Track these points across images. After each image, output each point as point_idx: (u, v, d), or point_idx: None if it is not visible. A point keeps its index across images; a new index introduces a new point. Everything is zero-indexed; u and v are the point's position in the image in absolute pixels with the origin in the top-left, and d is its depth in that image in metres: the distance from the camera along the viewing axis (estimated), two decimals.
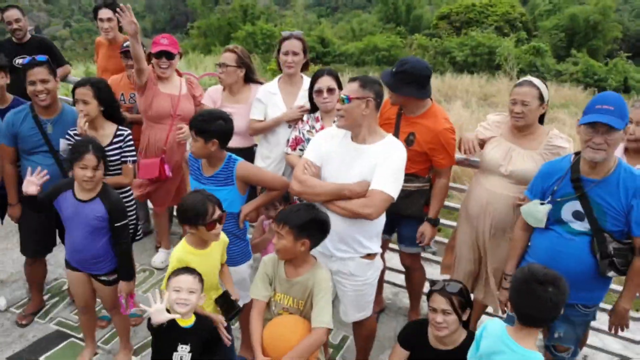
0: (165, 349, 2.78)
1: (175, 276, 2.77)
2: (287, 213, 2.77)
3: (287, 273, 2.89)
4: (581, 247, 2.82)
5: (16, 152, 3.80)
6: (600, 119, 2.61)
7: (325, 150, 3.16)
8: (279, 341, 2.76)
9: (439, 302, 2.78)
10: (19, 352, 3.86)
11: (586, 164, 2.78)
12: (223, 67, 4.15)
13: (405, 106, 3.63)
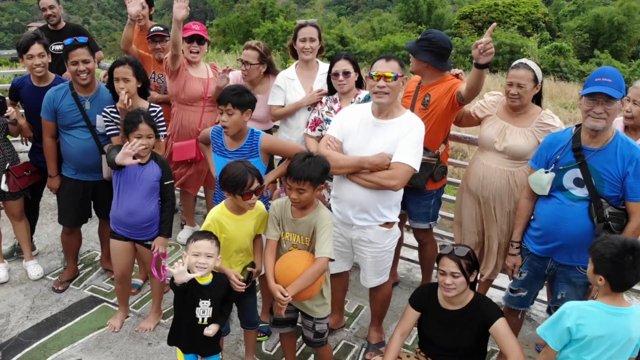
0: (188, 305, 3.10)
1: (194, 241, 3.05)
2: (302, 169, 3.03)
3: (293, 214, 3.21)
4: (580, 213, 3.10)
5: (56, 127, 4.16)
6: (600, 89, 2.91)
7: (347, 127, 3.48)
8: (288, 271, 3.09)
9: (448, 265, 3.06)
10: (56, 314, 4.23)
11: (587, 134, 3.06)
12: (246, 65, 4.43)
13: (423, 75, 3.94)
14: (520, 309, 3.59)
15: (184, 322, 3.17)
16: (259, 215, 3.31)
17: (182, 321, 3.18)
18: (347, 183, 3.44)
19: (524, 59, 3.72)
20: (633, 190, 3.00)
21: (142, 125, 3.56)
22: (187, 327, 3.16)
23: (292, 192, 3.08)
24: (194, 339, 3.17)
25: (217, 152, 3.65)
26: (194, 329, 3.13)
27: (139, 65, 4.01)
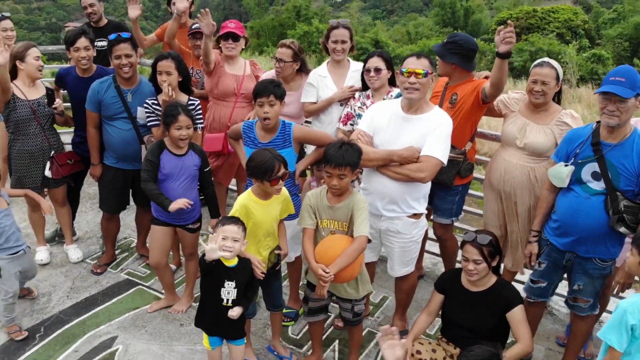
0: (214, 285, 3.29)
1: (222, 225, 3.23)
2: (342, 156, 3.23)
3: (329, 201, 3.40)
4: (597, 205, 3.23)
5: (99, 117, 4.45)
6: (611, 89, 3.05)
7: (377, 121, 3.66)
8: (329, 251, 3.28)
9: (471, 253, 3.23)
10: (95, 295, 4.52)
11: (605, 129, 3.20)
12: (280, 63, 4.63)
13: (450, 76, 4.11)
14: (540, 300, 3.72)
15: (209, 304, 3.35)
16: (284, 200, 3.53)
17: (208, 303, 3.36)
18: (377, 176, 3.62)
19: (546, 57, 3.86)
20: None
21: (181, 117, 3.80)
22: (212, 309, 3.34)
23: (332, 179, 3.28)
24: (219, 320, 3.35)
25: (250, 146, 3.81)
26: (219, 310, 3.32)
27: (181, 60, 4.27)
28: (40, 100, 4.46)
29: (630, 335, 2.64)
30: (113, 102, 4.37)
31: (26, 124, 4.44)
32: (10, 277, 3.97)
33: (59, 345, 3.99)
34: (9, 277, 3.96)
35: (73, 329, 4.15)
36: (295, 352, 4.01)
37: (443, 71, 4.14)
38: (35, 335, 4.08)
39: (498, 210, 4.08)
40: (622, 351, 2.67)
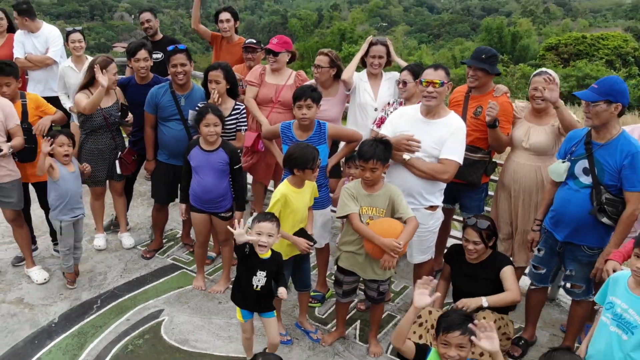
0: (249, 272, 3.76)
1: (258, 222, 3.66)
2: (373, 151, 3.80)
3: (366, 190, 3.98)
4: (584, 198, 3.74)
5: (155, 119, 5.16)
6: (578, 94, 3.65)
7: (397, 125, 4.24)
8: (389, 229, 3.82)
9: (471, 235, 3.80)
10: (144, 275, 5.20)
11: (593, 130, 3.71)
12: (318, 68, 5.29)
13: (477, 87, 4.65)
14: (540, 286, 4.22)
15: (243, 286, 3.83)
16: (312, 188, 4.14)
17: (242, 285, 3.83)
18: (398, 171, 4.18)
19: (543, 68, 4.43)
20: (628, 180, 3.60)
21: (209, 115, 4.43)
22: (244, 291, 3.82)
23: (365, 171, 3.87)
24: (249, 300, 3.85)
25: (288, 144, 4.36)
26: (249, 293, 3.80)
27: (230, 69, 4.96)
28: (111, 107, 5.19)
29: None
30: (168, 106, 5.08)
31: (98, 129, 5.20)
32: (69, 235, 4.81)
33: (113, 315, 4.67)
34: (68, 234, 4.80)
35: (125, 302, 4.83)
36: (320, 329, 4.59)
37: (474, 78, 4.64)
38: (93, 306, 4.78)
39: (509, 208, 4.61)
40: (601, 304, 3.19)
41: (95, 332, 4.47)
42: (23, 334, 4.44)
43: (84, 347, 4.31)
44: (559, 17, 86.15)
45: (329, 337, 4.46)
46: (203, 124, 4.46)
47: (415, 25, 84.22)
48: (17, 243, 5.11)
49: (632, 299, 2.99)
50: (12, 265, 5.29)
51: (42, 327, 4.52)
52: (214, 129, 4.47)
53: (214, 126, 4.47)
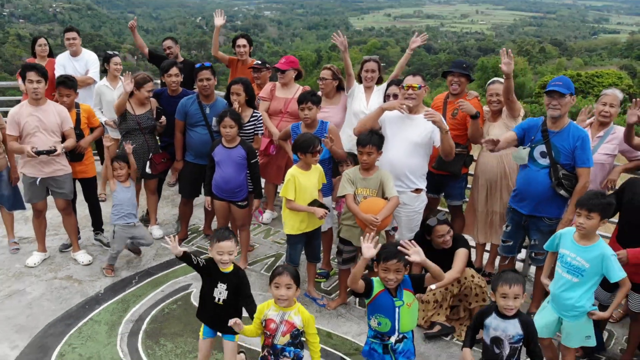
0: (211, 284, 4.04)
1: (217, 242, 3.89)
2: (369, 138, 4.81)
3: (362, 174, 4.97)
4: (543, 176, 4.73)
5: (184, 125, 6.18)
6: (555, 88, 4.62)
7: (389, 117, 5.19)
8: (372, 205, 4.77)
9: (442, 230, 4.84)
10: (173, 259, 6.11)
11: (550, 121, 4.72)
12: (323, 81, 6.34)
13: (459, 92, 5.66)
14: (509, 256, 5.18)
15: (207, 300, 4.07)
16: (320, 172, 5.15)
17: (206, 299, 4.08)
18: (386, 157, 5.12)
19: (495, 77, 5.49)
20: (580, 159, 4.61)
21: (226, 119, 5.42)
22: (208, 305, 4.06)
23: (363, 155, 4.86)
24: (209, 314, 4.11)
25: None
26: (210, 307, 4.06)
27: (249, 84, 6.03)
28: (144, 115, 6.22)
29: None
30: (195, 113, 6.11)
31: (132, 131, 6.22)
32: (119, 240, 5.75)
33: (150, 287, 5.61)
34: (119, 240, 5.74)
35: (159, 278, 5.77)
36: (325, 297, 5.52)
37: (457, 84, 5.66)
38: (132, 281, 5.72)
39: (484, 197, 5.60)
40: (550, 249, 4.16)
41: (136, 299, 5.41)
42: (75, 301, 5.38)
43: (127, 310, 5.25)
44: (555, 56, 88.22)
45: (333, 302, 5.40)
46: (222, 125, 5.47)
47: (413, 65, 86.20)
48: (66, 230, 6.07)
49: (579, 249, 3.95)
50: (59, 251, 6.24)
51: (91, 296, 5.46)
52: (230, 130, 5.46)
53: (229, 127, 5.45)
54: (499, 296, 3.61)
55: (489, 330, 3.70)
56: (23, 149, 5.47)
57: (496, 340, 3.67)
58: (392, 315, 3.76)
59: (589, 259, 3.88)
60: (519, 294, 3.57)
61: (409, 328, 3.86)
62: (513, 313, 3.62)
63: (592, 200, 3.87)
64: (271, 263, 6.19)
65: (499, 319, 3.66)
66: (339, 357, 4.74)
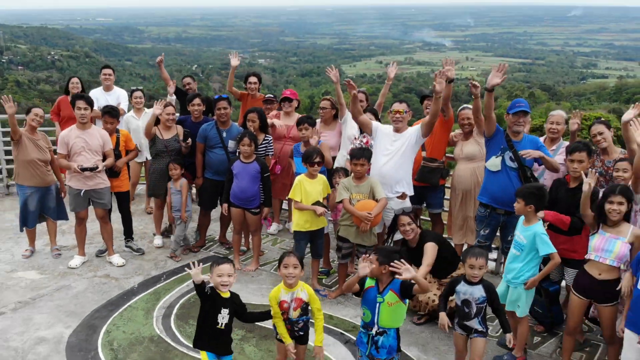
0: (214, 311, 4.31)
1: (217, 265, 4.29)
2: (362, 153, 5.95)
3: (355, 182, 6.04)
4: (513, 176, 5.85)
5: (204, 147, 7.29)
6: (522, 108, 5.78)
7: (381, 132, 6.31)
8: (366, 205, 5.84)
9: (404, 220, 5.78)
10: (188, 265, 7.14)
11: (511, 134, 5.85)
12: (323, 110, 7.51)
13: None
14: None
15: (208, 326, 4.33)
16: (324, 182, 6.24)
17: (207, 325, 4.33)
18: (376, 169, 6.22)
19: (466, 105, 6.64)
20: (538, 159, 5.75)
21: (245, 139, 6.58)
22: (210, 330, 4.32)
23: (357, 166, 5.95)
24: (214, 339, 4.36)
25: (297, 156, 6.67)
26: (213, 332, 4.32)
27: (262, 112, 7.22)
28: (171, 139, 7.32)
29: None
30: (214, 137, 7.23)
31: (160, 153, 7.33)
32: (179, 230, 7.03)
33: (177, 283, 6.63)
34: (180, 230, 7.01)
35: (183, 276, 6.79)
36: (327, 289, 6.55)
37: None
38: (161, 278, 6.74)
39: (460, 206, 6.70)
40: None
41: (166, 292, 6.43)
42: (114, 293, 6.39)
43: (159, 299, 6.26)
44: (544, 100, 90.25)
45: (334, 293, 6.42)
46: (241, 143, 6.61)
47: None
48: (103, 236, 7.13)
49: (523, 229, 5.05)
50: (95, 256, 7.27)
51: (127, 289, 6.48)
52: (247, 147, 6.60)
53: (247, 145, 6.59)
54: (468, 266, 4.58)
55: (459, 294, 4.67)
56: (70, 166, 6.57)
57: (465, 302, 4.63)
58: (373, 309, 4.35)
59: (526, 236, 4.96)
60: (483, 265, 4.55)
61: (388, 325, 4.36)
62: (478, 280, 4.61)
63: (520, 189, 5.06)
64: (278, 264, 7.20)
65: (466, 286, 4.64)
66: (339, 333, 5.74)
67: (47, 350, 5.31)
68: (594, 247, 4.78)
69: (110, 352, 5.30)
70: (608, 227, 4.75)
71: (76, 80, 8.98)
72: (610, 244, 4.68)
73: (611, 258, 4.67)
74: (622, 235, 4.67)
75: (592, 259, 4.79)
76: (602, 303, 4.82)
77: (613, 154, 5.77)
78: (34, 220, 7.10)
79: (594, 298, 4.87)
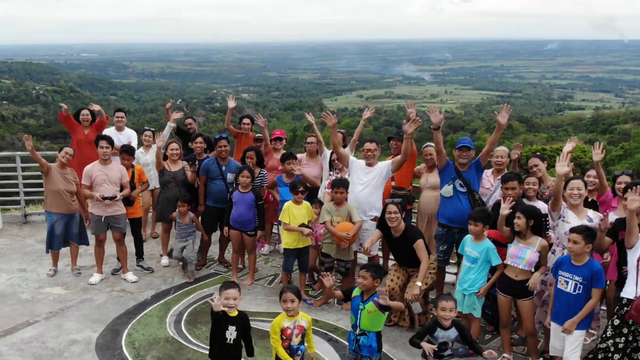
0: (222, 328, 4.99)
1: (225, 290, 4.97)
2: (343, 183, 7.20)
3: (335, 207, 7.24)
4: (464, 200, 7.04)
5: (206, 179, 8.47)
6: (465, 144, 7.04)
7: (356, 166, 7.59)
8: (346, 226, 7.03)
9: (391, 208, 6.85)
10: (198, 278, 8.28)
11: (459, 165, 7.08)
12: (310, 145, 8.71)
13: (396, 154, 8.06)
14: (443, 266, 7.45)
15: (218, 342, 5.03)
16: (308, 207, 7.42)
17: (217, 341, 5.04)
18: (353, 196, 7.45)
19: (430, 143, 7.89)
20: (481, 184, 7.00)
21: (245, 171, 7.78)
22: (220, 345, 5.03)
23: (337, 194, 7.16)
24: (223, 353, 5.07)
25: (282, 186, 7.92)
26: (222, 346, 5.03)
27: (259, 151, 8.48)
28: (178, 171, 8.50)
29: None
30: (215, 170, 8.43)
31: (168, 183, 8.49)
32: (176, 251, 8.09)
33: (184, 295, 7.74)
34: (176, 250, 8.09)
35: (189, 290, 7.90)
36: (312, 298, 7.69)
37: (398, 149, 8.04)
38: (170, 292, 7.84)
39: (427, 227, 7.91)
40: None
41: (175, 302, 7.54)
42: (131, 304, 7.48)
43: (170, 309, 7.36)
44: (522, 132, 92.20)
45: (319, 302, 7.57)
46: (241, 175, 7.79)
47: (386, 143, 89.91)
48: (119, 256, 8.25)
49: (473, 245, 6.26)
50: (111, 274, 8.36)
51: (141, 301, 7.57)
52: (246, 179, 7.78)
53: (246, 177, 7.78)
54: (440, 309, 5.19)
55: (438, 339, 5.18)
56: (93, 195, 7.72)
57: (444, 343, 5.18)
58: (356, 314, 5.35)
59: (479, 251, 6.17)
60: (453, 307, 5.22)
61: (368, 328, 5.28)
62: (449, 321, 5.17)
63: (473, 214, 6.22)
64: (271, 279, 8.37)
65: (443, 331, 5.18)
66: (324, 333, 6.87)
67: (80, 350, 6.37)
68: (510, 255, 6.00)
69: (133, 350, 6.38)
70: (520, 239, 5.98)
71: (86, 112, 10.09)
72: (522, 252, 5.91)
73: (523, 263, 5.89)
74: (532, 245, 5.90)
75: (509, 264, 6.00)
76: (520, 298, 5.99)
77: (547, 181, 7.07)
78: (59, 243, 8.20)
79: (513, 295, 6.04)
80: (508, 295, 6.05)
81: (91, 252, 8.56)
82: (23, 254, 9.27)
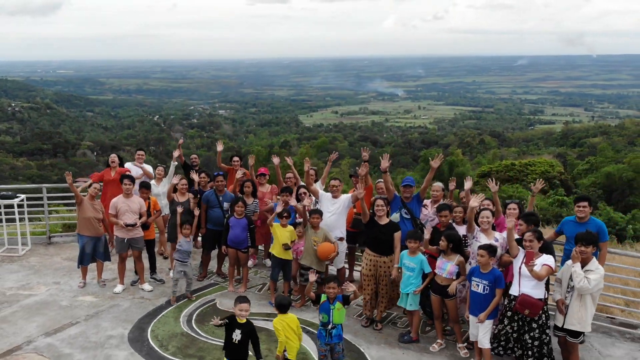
0: (231, 330, 6.59)
1: (240, 303, 6.60)
2: (319, 211, 9.29)
3: (313, 230, 9.30)
4: (408, 224, 9.15)
5: (207, 207, 10.53)
6: (407, 183, 9.21)
7: (324, 197, 9.72)
8: (326, 247, 9.05)
9: (379, 202, 8.98)
10: (200, 288, 10.29)
11: (404, 197, 9.23)
12: (288, 179, 10.86)
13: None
14: None
15: (227, 339, 6.67)
16: (291, 231, 9.51)
17: (227, 340, 6.67)
18: (325, 221, 9.53)
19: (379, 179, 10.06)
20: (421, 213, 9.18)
21: (240, 203, 9.84)
22: (228, 343, 6.65)
23: (314, 220, 9.23)
24: (232, 351, 6.65)
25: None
26: (230, 345, 6.64)
27: (254, 183, 10.55)
28: (185, 201, 10.53)
29: None
30: (213, 200, 10.49)
31: (175, 211, 10.52)
32: (177, 273, 9.84)
33: (189, 302, 9.74)
34: (177, 272, 9.84)
35: (197, 297, 9.91)
36: (293, 301, 9.75)
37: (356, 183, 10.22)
38: (180, 298, 9.83)
39: None
40: None
41: (185, 306, 9.55)
42: (150, 308, 9.48)
43: (182, 311, 9.38)
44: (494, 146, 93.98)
45: (298, 303, 9.63)
46: (237, 206, 9.86)
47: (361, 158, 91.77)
48: (137, 269, 10.27)
49: (409, 258, 8.41)
50: (131, 285, 10.35)
51: (158, 306, 9.57)
52: (240, 209, 9.85)
53: (240, 207, 9.84)
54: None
55: None
56: (118, 222, 9.75)
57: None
58: (328, 313, 7.19)
59: (416, 263, 8.32)
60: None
61: (338, 321, 7.20)
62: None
63: (411, 234, 8.35)
64: (260, 287, 10.40)
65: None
66: (303, 327, 8.90)
67: (117, 342, 8.36)
68: (437, 266, 8.14)
69: (157, 342, 8.38)
70: (444, 255, 8.12)
71: (114, 156, 12.12)
72: (444, 265, 8.04)
73: (445, 273, 8.01)
74: (452, 260, 8.03)
75: (437, 273, 8.14)
76: (446, 298, 8.10)
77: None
78: (88, 260, 10.18)
79: (441, 295, 8.13)
80: (437, 295, 8.19)
81: (111, 267, 10.58)
82: (54, 270, 11.21)
